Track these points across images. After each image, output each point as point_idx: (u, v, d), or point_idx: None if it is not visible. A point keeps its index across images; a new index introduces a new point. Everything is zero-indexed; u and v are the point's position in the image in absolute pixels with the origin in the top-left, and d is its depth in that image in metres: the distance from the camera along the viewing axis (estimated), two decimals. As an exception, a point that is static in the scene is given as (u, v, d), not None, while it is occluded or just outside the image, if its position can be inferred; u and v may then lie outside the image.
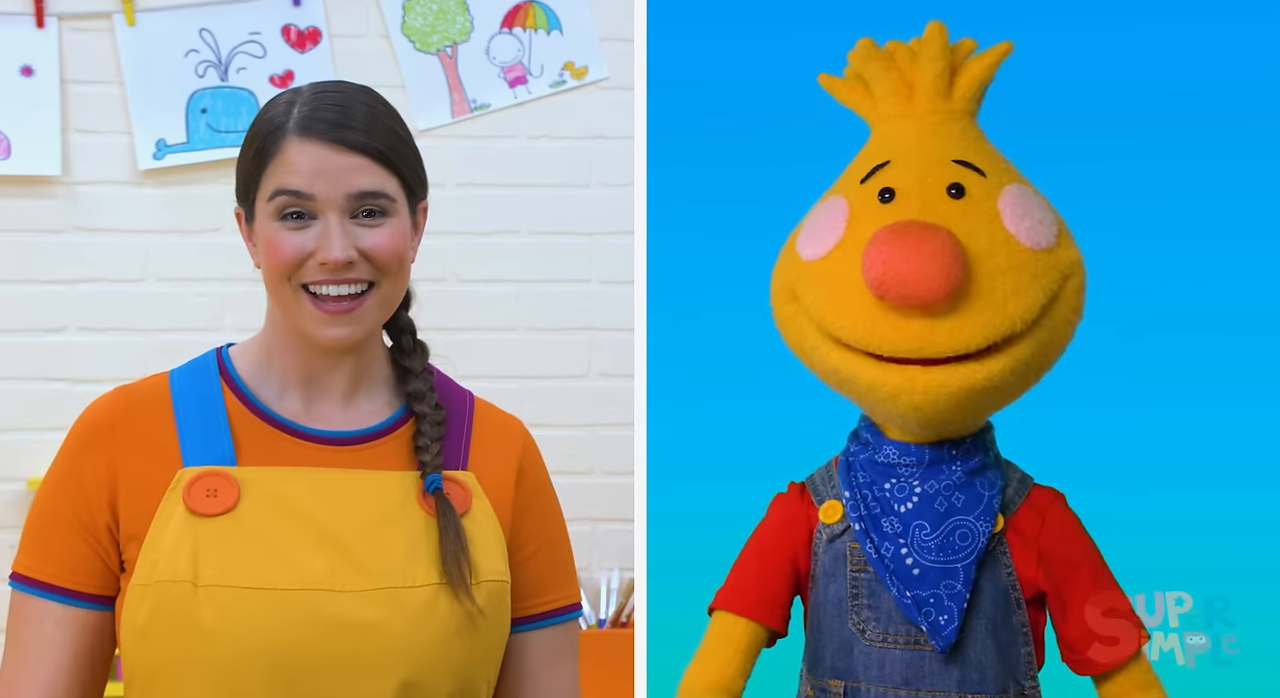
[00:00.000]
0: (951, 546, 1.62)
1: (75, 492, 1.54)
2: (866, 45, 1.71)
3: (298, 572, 1.49)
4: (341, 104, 1.54)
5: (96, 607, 1.54)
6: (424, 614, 1.51)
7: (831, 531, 1.67)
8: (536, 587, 1.63)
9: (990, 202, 1.61)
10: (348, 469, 1.55)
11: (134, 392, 1.58)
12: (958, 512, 1.64)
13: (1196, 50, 2.35)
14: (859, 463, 1.68)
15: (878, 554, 1.63)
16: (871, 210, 1.62)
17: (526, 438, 1.67)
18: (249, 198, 1.55)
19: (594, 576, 3.32)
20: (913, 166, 1.64)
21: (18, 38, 3.25)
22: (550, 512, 1.67)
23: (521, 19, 3.41)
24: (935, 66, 1.67)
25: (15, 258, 3.29)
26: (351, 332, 1.53)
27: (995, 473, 1.66)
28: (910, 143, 1.66)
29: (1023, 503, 1.66)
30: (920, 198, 1.61)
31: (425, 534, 1.54)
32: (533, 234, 3.41)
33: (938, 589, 1.61)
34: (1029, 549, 1.64)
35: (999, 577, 1.64)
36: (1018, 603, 1.64)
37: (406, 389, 1.61)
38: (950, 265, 1.54)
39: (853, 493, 1.66)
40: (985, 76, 1.68)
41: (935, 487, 1.65)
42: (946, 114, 1.67)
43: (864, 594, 1.64)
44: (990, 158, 1.66)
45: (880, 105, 1.70)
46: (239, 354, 1.61)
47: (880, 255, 1.55)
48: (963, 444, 1.66)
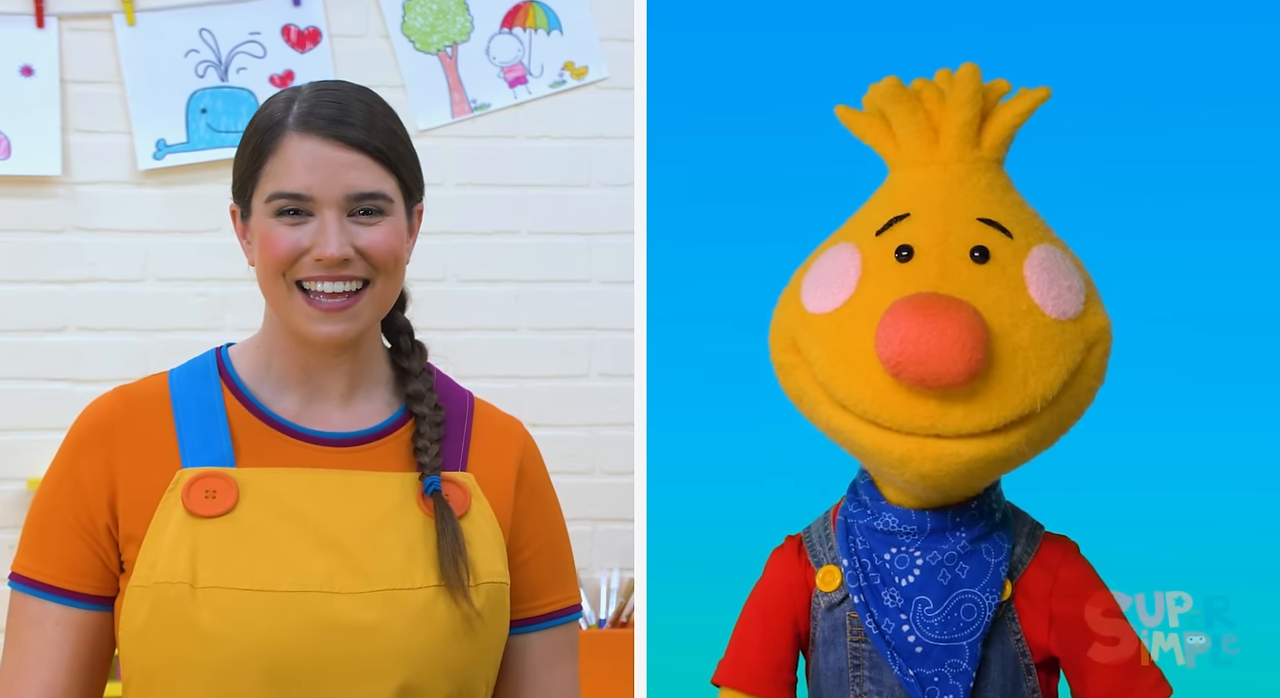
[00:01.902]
0: (956, 622, 1.54)
1: (74, 492, 1.53)
2: (892, 85, 1.57)
3: (296, 574, 1.49)
4: (341, 102, 1.54)
5: (96, 607, 1.54)
6: (422, 616, 1.51)
7: (829, 599, 1.59)
8: (536, 588, 1.63)
9: (1016, 266, 1.51)
10: (346, 471, 1.55)
11: (133, 392, 1.58)
12: (962, 584, 1.55)
13: (1194, 52, 2.35)
14: (858, 528, 1.60)
15: (878, 630, 1.55)
16: (887, 268, 1.52)
17: (527, 439, 1.67)
18: (245, 195, 1.55)
19: (594, 576, 3.32)
20: (934, 223, 1.53)
21: (18, 38, 3.25)
22: (550, 513, 1.67)
23: (521, 19, 3.41)
24: (965, 113, 1.55)
25: (15, 258, 3.29)
26: (345, 329, 1.53)
27: (1002, 535, 1.57)
28: (932, 194, 1.55)
29: (1031, 563, 1.58)
30: (940, 261, 1.50)
31: (424, 536, 1.54)
32: (533, 234, 3.41)
33: (942, 668, 1.54)
34: (1039, 614, 1.57)
35: (1007, 645, 1.56)
36: (1027, 669, 1.57)
37: (405, 390, 1.61)
38: (974, 349, 1.43)
39: (851, 561, 1.58)
40: (1018, 124, 1.57)
41: (938, 558, 1.55)
42: (974, 163, 1.56)
43: (865, 666, 1.57)
44: (1018, 214, 1.56)
45: (903, 149, 1.58)
46: (238, 354, 1.61)
47: (898, 332, 1.44)
48: (967, 510, 1.57)
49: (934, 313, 1.44)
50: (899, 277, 1.51)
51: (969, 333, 1.44)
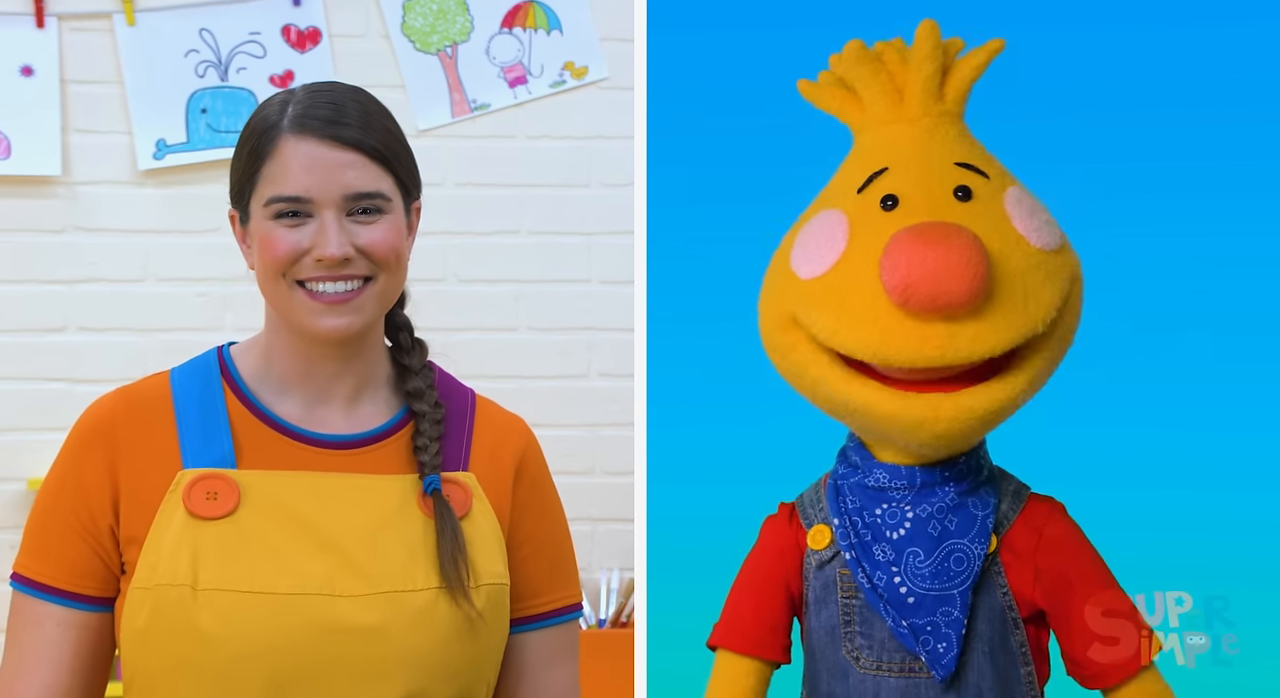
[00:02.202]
0: (947, 571, 1.57)
1: (76, 493, 1.53)
2: (856, 48, 1.64)
3: (297, 576, 1.49)
4: (336, 102, 1.54)
5: (97, 609, 1.54)
6: (423, 618, 1.50)
7: (820, 557, 1.62)
8: (536, 587, 1.63)
9: (997, 203, 1.56)
10: (347, 474, 1.55)
11: (134, 392, 1.58)
12: (951, 535, 1.58)
13: (1189, 46, 2.35)
14: (848, 487, 1.63)
15: (870, 583, 1.58)
16: (875, 219, 1.55)
17: (529, 437, 1.67)
18: (243, 199, 1.55)
19: (594, 576, 3.32)
20: (913, 171, 1.57)
21: (18, 38, 3.25)
22: (550, 512, 1.66)
23: (521, 19, 3.41)
24: (927, 67, 1.60)
25: (15, 258, 3.29)
26: (349, 322, 1.52)
27: (988, 490, 1.61)
28: (906, 147, 1.60)
29: (1017, 519, 1.61)
30: (927, 202, 1.54)
31: (424, 538, 1.54)
32: (533, 234, 3.41)
33: (934, 616, 1.57)
34: (1025, 567, 1.59)
35: (995, 598, 1.59)
36: (1015, 623, 1.60)
37: (406, 387, 1.61)
38: (978, 263, 1.47)
39: (842, 519, 1.61)
40: (975, 76, 1.63)
41: (928, 511, 1.59)
42: (940, 116, 1.61)
43: (856, 622, 1.60)
44: (988, 160, 1.62)
45: (869, 110, 1.63)
46: (240, 354, 1.60)
47: (904, 257, 1.47)
48: (955, 464, 1.60)
49: (937, 236, 1.48)
50: (889, 223, 1.53)
51: (973, 250, 1.47)
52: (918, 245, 1.48)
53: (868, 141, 1.64)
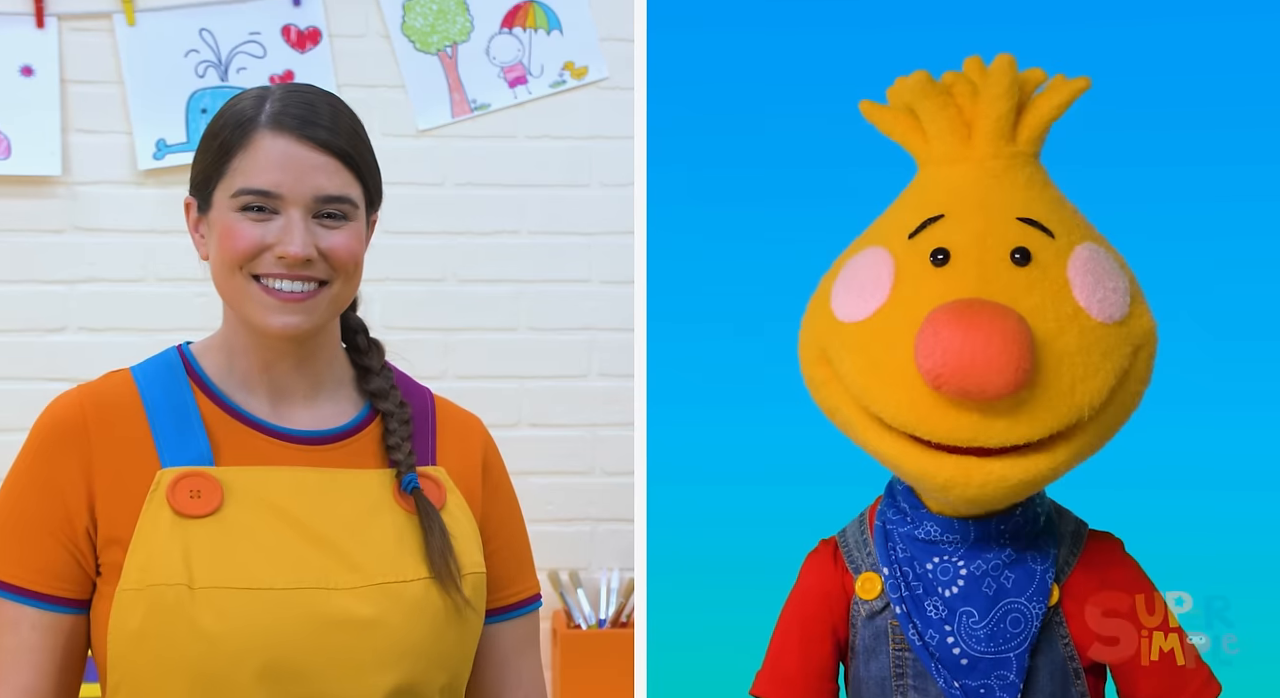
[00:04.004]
0: (1003, 633, 1.49)
1: (50, 495, 1.52)
2: (921, 79, 1.49)
3: (292, 571, 1.49)
4: (313, 104, 1.55)
5: (72, 611, 1.53)
6: (419, 608, 1.52)
7: (870, 607, 1.54)
8: (505, 578, 1.65)
9: (1059, 268, 1.44)
10: (324, 468, 1.56)
11: (100, 391, 1.57)
12: (1008, 594, 1.49)
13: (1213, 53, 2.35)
14: (898, 535, 1.53)
15: (921, 641, 1.49)
16: (922, 273, 1.45)
17: (486, 433, 1.69)
18: (208, 188, 1.55)
19: (594, 576, 3.32)
20: (971, 224, 1.45)
21: (18, 38, 3.25)
22: (513, 505, 1.69)
23: (521, 19, 3.41)
24: (1000, 106, 1.47)
25: (15, 258, 3.29)
26: (300, 321, 1.53)
27: (1046, 540, 1.52)
28: (968, 194, 1.47)
29: (1077, 565, 1.53)
30: (979, 265, 1.43)
31: (408, 530, 1.55)
32: (533, 234, 3.41)
33: (989, 680, 1.49)
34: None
35: (1056, 650, 1.51)
36: (1076, 673, 1.52)
37: (369, 388, 1.62)
38: (1020, 359, 1.35)
39: (892, 569, 1.52)
40: (1055, 117, 1.50)
41: (982, 567, 1.50)
42: (1010, 159, 1.48)
43: (909, 675, 1.52)
44: (1058, 212, 1.49)
45: (934, 145, 1.50)
46: (202, 353, 1.61)
47: (939, 343, 1.36)
48: (1011, 517, 1.51)
49: (977, 321, 1.36)
50: (936, 282, 1.43)
51: (1015, 342, 1.36)
52: (956, 331, 1.36)
53: (929, 178, 1.52)
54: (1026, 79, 1.50)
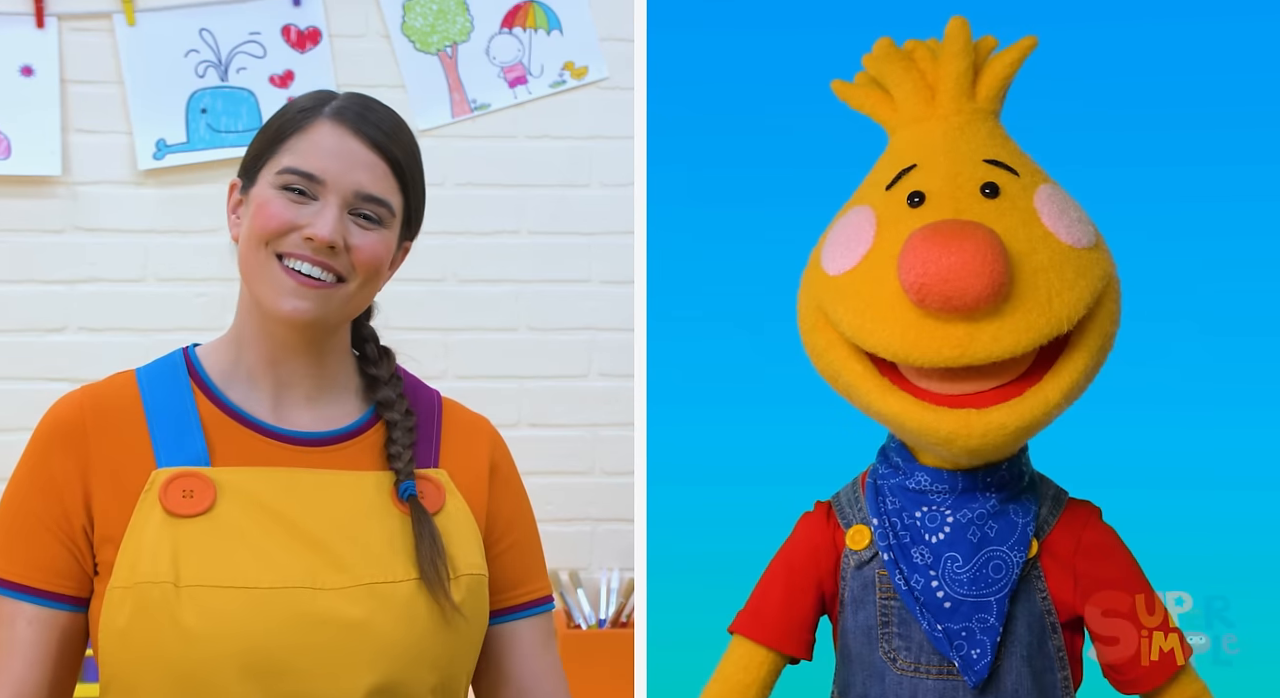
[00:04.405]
0: (984, 578, 1.56)
1: (49, 493, 1.53)
2: (885, 45, 1.63)
3: (279, 570, 1.49)
4: (375, 109, 1.58)
5: (69, 608, 1.54)
6: (406, 609, 1.52)
7: (859, 557, 1.62)
8: (518, 577, 1.66)
9: (1026, 199, 1.54)
10: (320, 470, 1.56)
11: (102, 392, 1.58)
12: (991, 542, 1.57)
13: (1210, 48, 2.35)
14: (888, 487, 1.62)
15: (907, 586, 1.57)
16: (901, 216, 1.55)
17: (495, 435, 1.69)
18: (255, 168, 1.56)
19: (594, 576, 3.32)
20: (941, 168, 1.56)
21: (18, 38, 3.25)
22: (523, 505, 1.69)
23: (521, 19, 3.41)
24: (958, 65, 1.59)
25: (15, 258, 3.29)
26: (310, 308, 1.53)
27: (1029, 497, 1.60)
28: (936, 145, 1.59)
29: (1057, 524, 1.60)
30: (953, 199, 1.53)
31: (402, 532, 1.55)
32: (533, 234, 3.41)
33: (970, 623, 1.56)
34: (1064, 572, 1.59)
35: (1034, 603, 1.58)
36: (1053, 628, 1.59)
37: (375, 397, 1.62)
38: (994, 262, 1.45)
39: (881, 520, 1.60)
40: (1009, 74, 1.61)
41: (968, 516, 1.58)
42: (971, 114, 1.60)
43: (894, 623, 1.59)
44: (1020, 157, 1.60)
45: (901, 108, 1.62)
46: (206, 354, 1.62)
47: (918, 257, 1.46)
48: (997, 471, 1.59)
49: (952, 234, 1.46)
50: (914, 220, 1.52)
51: (989, 247, 1.45)
52: (933, 245, 1.46)
53: (900, 139, 1.63)
54: (980, 44, 1.62)
